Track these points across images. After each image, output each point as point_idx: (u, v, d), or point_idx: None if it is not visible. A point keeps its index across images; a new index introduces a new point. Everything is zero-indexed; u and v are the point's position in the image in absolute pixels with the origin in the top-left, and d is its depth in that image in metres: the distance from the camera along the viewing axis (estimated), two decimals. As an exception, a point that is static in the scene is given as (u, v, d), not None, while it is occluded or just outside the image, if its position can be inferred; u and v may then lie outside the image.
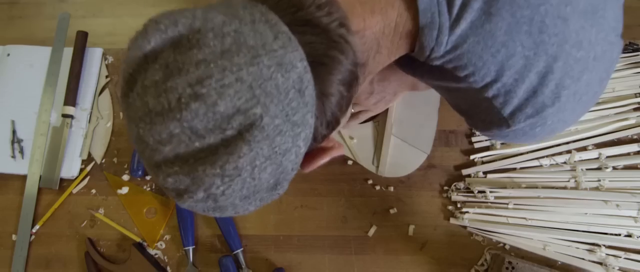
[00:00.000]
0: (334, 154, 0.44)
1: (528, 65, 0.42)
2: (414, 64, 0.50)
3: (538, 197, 0.73)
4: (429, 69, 0.48)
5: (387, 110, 0.78)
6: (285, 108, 0.33)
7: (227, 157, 0.32)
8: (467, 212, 0.74)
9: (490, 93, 0.45)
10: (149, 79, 0.32)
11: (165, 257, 0.78)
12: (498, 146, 0.76)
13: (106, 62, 0.88)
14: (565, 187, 0.74)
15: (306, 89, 0.34)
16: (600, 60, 0.44)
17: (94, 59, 0.87)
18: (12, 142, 0.83)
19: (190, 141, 0.32)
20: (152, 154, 0.33)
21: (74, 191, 0.81)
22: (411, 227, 0.75)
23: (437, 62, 0.45)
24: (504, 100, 0.45)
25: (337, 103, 0.38)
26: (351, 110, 0.74)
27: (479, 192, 0.75)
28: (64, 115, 0.83)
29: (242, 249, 0.75)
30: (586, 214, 0.72)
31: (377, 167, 0.77)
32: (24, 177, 0.81)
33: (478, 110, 0.49)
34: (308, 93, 0.34)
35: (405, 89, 0.71)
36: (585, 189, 0.73)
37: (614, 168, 0.74)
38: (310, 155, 0.42)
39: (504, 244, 0.73)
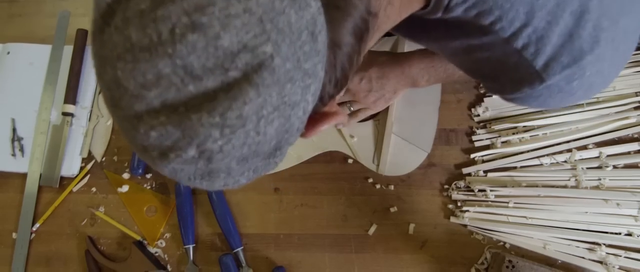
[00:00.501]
0: (337, 119, 0.39)
1: (561, 4, 0.38)
2: (428, 26, 0.46)
3: (538, 196, 0.73)
4: (446, 27, 0.44)
5: (387, 108, 0.77)
6: (297, 52, 0.28)
7: (230, 103, 0.27)
8: (467, 210, 0.74)
9: (519, 42, 0.40)
10: (132, 8, 0.26)
11: (166, 256, 0.78)
12: (499, 145, 0.76)
13: (106, 60, 0.88)
14: (565, 186, 0.73)
15: (319, 34, 0.30)
16: (636, 1, 0.40)
17: (94, 57, 0.87)
18: (12, 141, 0.83)
19: (183, 84, 0.26)
20: (132, 103, 0.27)
21: (74, 189, 0.81)
22: (411, 226, 0.75)
23: (458, 11, 0.40)
24: (536, 49, 0.40)
25: (348, 56, 0.34)
26: (352, 107, 0.75)
27: (480, 190, 0.75)
28: (64, 114, 0.83)
29: (242, 247, 0.76)
30: (586, 212, 0.72)
31: (378, 165, 0.77)
32: (24, 176, 0.82)
33: (505, 68, 0.44)
34: (321, 39, 0.30)
35: (405, 86, 0.71)
36: (586, 187, 0.73)
37: (615, 167, 0.74)
38: (313, 118, 0.37)
39: (504, 243, 0.73)
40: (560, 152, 0.75)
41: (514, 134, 0.76)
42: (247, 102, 0.27)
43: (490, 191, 0.74)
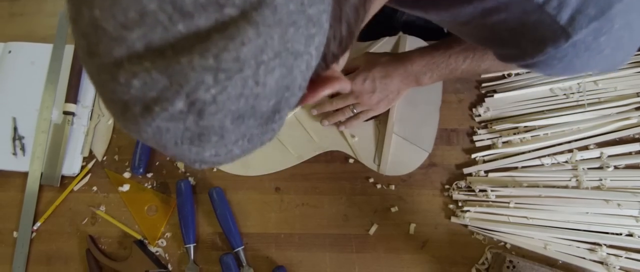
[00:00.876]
0: (340, 84, 0.36)
1: None
2: None
3: (539, 196, 0.73)
4: None
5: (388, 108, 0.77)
6: None
7: (226, 43, 0.23)
8: (468, 211, 0.74)
9: None
10: None
11: (167, 255, 0.78)
12: (500, 145, 0.76)
13: (107, 59, 0.88)
14: (566, 187, 0.73)
15: None
16: None
17: (95, 56, 0.87)
18: (14, 139, 0.83)
19: (171, 23, 0.23)
20: (111, 47, 0.24)
21: (75, 188, 0.81)
22: (412, 226, 0.75)
23: None
24: (559, 1, 0.37)
25: (355, 9, 0.31)
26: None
27: (480, 191, 0.75)
28: (65, 113, 0.83)
29: (243, 247, 0.75)
30: (587, 213, 0.72)
31: (379, 165, 0.77)
32: (25, 175, 0.82)
33: (525, 29, 0.40)
34: None
35: (409, 85, 0.71)
36: (587, 188, 0.73)
37: (616, 167, 0.73)
38: (315, 82, 0.34)
39: (505, 243, 0.73)
40: (562, 153, 0.75)
41: (515, 134, 0.76)
42: (245, 43, 0.24)
43: (491, 191, 0.74)
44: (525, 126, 0.77)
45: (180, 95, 0.24)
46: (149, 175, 0.81)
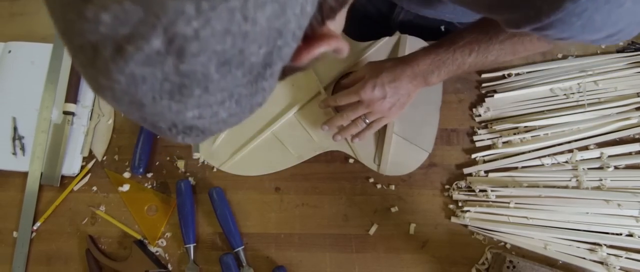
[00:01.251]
0: (336, 43, 0.33)
1: None
2: None
3: (539, 196, 0.73)
4: None
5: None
6: None
7: None
8: (468, 211, 0.74)
9: None
10: None
11: (167, 255, 0.78)
12: (500, 145, 0.76)
13: (107, 59, 0.88)
14: (566, 187, 0.73)
15: None
16: None
17: (95, 56, 0.87)
18: (13, 139, 0.83)
19: None
20: None
21: (75, 188, 0.81)
22: (412, 226, 0.75)
23: None
24: None
25: None
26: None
27: (480, 191, 0.75)
28: (65, 113, 0.83)
29: (243, 247, 0.75)
30: (587, 213, 0.72)
31: (379, 165, 0.77)
32: (25, 174, 0.82)
33: None
34: None
35: (418, 86, 0.69)
36: (587, 188, 0.73)
37: (616, 167, 0.73)
38: (310, 38, 0.31)
39: (505, 243, 0.73)
40: (562, 153, 0.75)
41: (515, 134, 0.76)
42: None
43: (491, 191, 0.74)
44: (525, 126, 0.77)
45: (157, 29, 0.21)
46: (149, 175, 0.81)
